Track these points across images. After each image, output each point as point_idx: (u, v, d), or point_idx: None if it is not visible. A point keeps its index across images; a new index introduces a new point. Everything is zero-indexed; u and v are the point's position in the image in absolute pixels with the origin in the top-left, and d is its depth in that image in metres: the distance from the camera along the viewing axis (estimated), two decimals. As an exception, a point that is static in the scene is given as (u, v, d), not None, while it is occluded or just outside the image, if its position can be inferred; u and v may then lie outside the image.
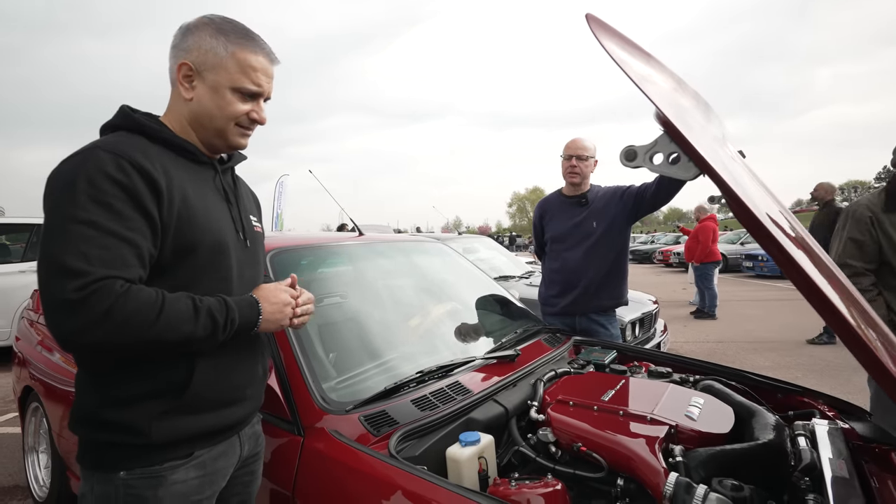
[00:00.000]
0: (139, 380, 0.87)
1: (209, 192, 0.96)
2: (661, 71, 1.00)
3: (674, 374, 1.68)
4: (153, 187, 0.84)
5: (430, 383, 1.38)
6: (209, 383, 0.92)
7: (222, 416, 0.96)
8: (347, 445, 1.10)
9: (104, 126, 0.94)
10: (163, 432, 0.87)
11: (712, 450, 1.10)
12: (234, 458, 1.02)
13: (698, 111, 1.04)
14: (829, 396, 1.54)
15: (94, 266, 0.76)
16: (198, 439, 0.92)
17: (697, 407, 1.29)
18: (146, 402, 0.87)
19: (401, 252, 2.22)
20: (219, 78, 0.93)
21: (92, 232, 0.77)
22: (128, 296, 0.77)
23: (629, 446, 1.11)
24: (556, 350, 1.85)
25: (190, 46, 0.93)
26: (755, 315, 7.30)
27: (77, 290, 0.74)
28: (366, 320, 1.73)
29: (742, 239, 15.69)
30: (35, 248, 5.39)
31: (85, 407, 0.89)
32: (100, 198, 0.79)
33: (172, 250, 0.87)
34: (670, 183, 2.07)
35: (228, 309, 0.88)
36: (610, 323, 2.43)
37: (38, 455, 2.46)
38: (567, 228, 2.44)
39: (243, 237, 1.02)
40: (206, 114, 0.95)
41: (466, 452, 1.12)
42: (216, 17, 0.96)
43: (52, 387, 2.17)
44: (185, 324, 0.82)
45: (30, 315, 2.87)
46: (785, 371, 4.33)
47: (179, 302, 0.83)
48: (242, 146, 1.02)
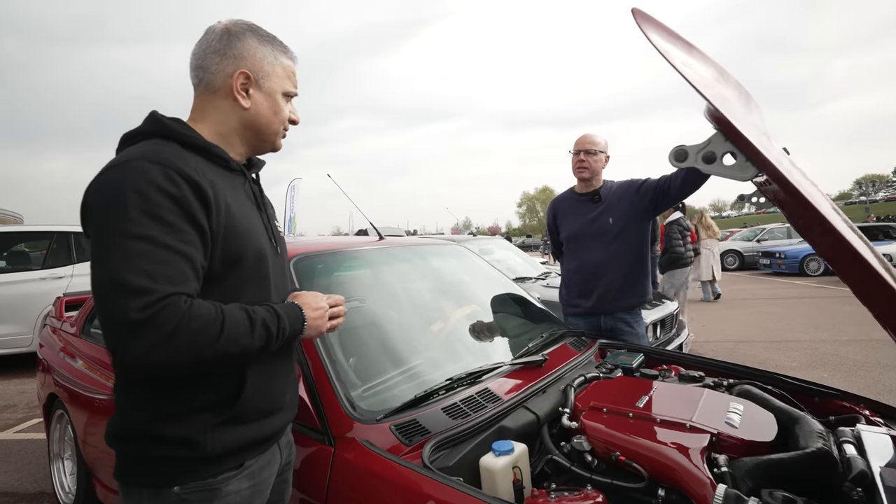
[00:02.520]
0: (195, 393, 0.85)
1: (244, 200, 0.95)
2: (703, 61, 0.96)
3: (706, 378, 1.64)
4: (202, 198, 0.82)
5: (459, 391, 1.36)
6: (258, 391, 0.91)
7: (269, 423, 0.95)
8: (380, 456, 1.07)
9: (133, 133, 0.91)
10: (218, 444, 0.86)
11: (759, 459, 1.06)
12: (276, 467, 1.01)
13: (740, 102, 1.00)
14: (871, 400, 1.48)
15: (158, 283, 0.74)
16: (248, 449, 0.91)
17: (737, 413, 1.25)
18: (202, 415, 0.85)
19: (423, 256, 2.20)
20: (273, 84, 0.95)
21: (148, 247, 0.75)
22: (192, 313, 0.75)
23: (672, 456, 1.07)
24: (582, 354, 1.81)
25: (243, 54, 0.92)
26: (776, 313, 7.15)
27: (142, 308, 0.71)
28: (390, 326, 1.70)
29: (758, 236, 15.44)
30: (56, 256, 5.47)
31: (131, 422, 0.86)
32: (153, 211, 0.76)
33: (221, 261, 0.85)
34: (697, 176, 2.01)
35: (279, 318, 0.87)
36: (636, 321, 2.37)
37: (64, 462, 2.48)
38: (582, 227, 2.37)
39: (275, 243, 1.01)
40: (265, 120, 0.96)
41: (501, 462, 1.09)
42: (247, 22, 0.96)
43: (76, 394, 2.18)
44: (243, 337, 0.81)
45: (53, 322, 2.90)
46: (811, 371, 4.22)
47: (236, 315, 0.82)
48: (280, 148, 1.03)
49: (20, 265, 5.52)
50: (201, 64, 0.93)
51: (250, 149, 1.00)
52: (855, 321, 6.23)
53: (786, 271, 12.38)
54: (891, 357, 4.54)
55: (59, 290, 5.09)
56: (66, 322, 2.68)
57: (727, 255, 15.31)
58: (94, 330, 2.37)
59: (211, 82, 0.93)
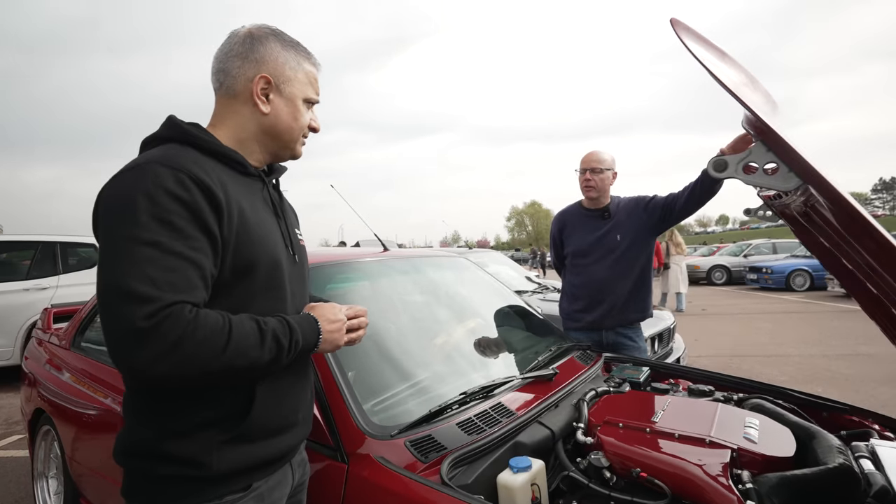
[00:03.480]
0: (200, 409, 0.81)
1: (260, 206, 0.92)
2: (734, 67, 0.96)
3: (715, 392, 1.63)
4: (213, 203, 0.79)
5: (472, 405, 1.32)
6: (268, 409, 0.87)
7: (279, 441, 0.91)
8: (397, 473, 1.03)
9: (150, 138, 0.89)
10: (224, 463, 0.82)
11: (784, 475, 1.04)
12: (288, 488, 0.96)
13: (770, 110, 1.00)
14: (879, 415, 1.48)
15: (163, 291, 0.71)
16: (256, 469, 0.87)
17: (754, 428, 1.23)
18: (208, 432, 0.81)
19: (427, 268, 2.17)
20: (294, 90, 0.93)
21: (156, 253, 0.72)
22: (197, 322, 0.72)
23: (696, 472, 1.05)
24: (590, 368, 1.79)
25: (264, 58, 0.90)
26: (766, 328, 7.23)
27: (147, 317, 0.69)
28: (398, 339, 1.67)
29: (745, 251, 15.68)
30: (40, 266, 5.33)
31: (139, 438, 0.83)
32: (162, 216, 0.74)
33: (232, 269, 0.82)
34: (703, 192, 2.03)
35: (292, 331, 0.83)
36: (637, 336, 2.37)
37: (48, 480, 2.37)
38: (590, 242, 2.37)
39: (292, 252, 0.98)
40: (285, 126, 0.93)
41: (519, 479, 1.06)
42: (271, 27, 0.94)
43: (65, 409, 2.10)
44: (252, 349, 0.77)
45: (39, 334, 2.81)
46: (805, 385, 4.25)
47: (244, 326, 0.78)
48: (300, 155, 1.01)
49: (2, 276, 5.36)
50: (223, 67, 0.91)
51: (270, 155, 0.98)
52: (841, 336, 6.32)
53: (772, 286, 12.56)
54: (880, 371, 4.60)
55: (44, 301, 4.95)
56: (54, 334, 2.59)
57: (715, 269, 15.52)
58: (84, 343, 2.29)
59: (232, 86, 0.91)
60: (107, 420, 1.80)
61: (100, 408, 1.86)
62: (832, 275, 1.29)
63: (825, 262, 1.14)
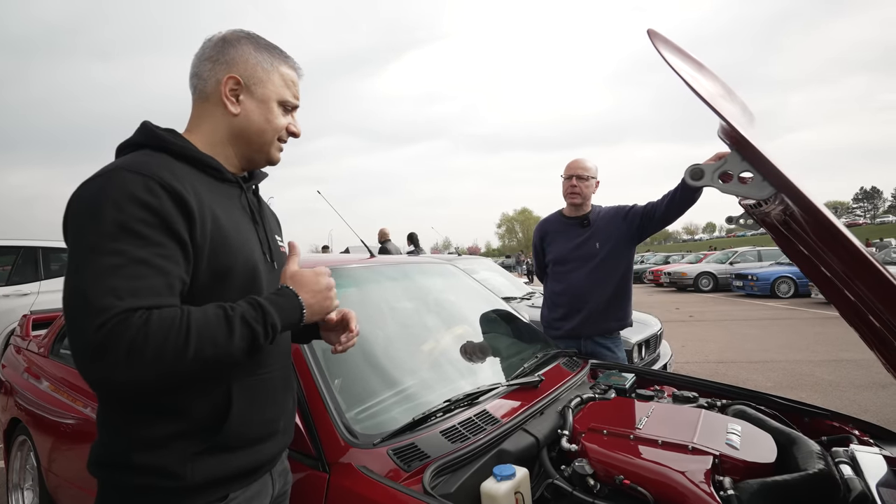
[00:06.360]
0: (174, 418, 0.79)
1: (237, 212, 0.91)
2: (710, 78, 0.98)
3: (699, 398, 1.64)
4: (184, 209, 0.77)
5: (457, 413, 1.32)
6: (246, 417, 0.85)
7: (257, 452, 0.88)
8: (379, 483, 1.02)
9: (125, 144, 0.88)
10: (199, 474, 0.80)
11: (765, 482, 1.05)
12: (268, 499, 0.94)
13: (746, 120, 1.02)
14: (859, 420, 1.50)
15: (121, 300, 0.68)
16: (234, 479, 0.85)
17: (736, 434, 1.24)
18: (181, 442, 0.79)
19: (415, 274, 2.17)
20: (266, 91, 0.91)
21: (119, 261, 0.70)
22: (149, 325, 0.69)
23: (678, 479, 1.05)
24: (576, 375, 1.80)
25: (235, 60, 0.89)
26: (752, 335, 7.31)
27: (98, 328, 0.66)
28: (384, 345, 1.66)
29: (731, 259, 15.90)
30: (21, 271, 5.23)
31: (112, 449, 0.81)
32: (127, 223, 0.72)
33: (208, 275, 0.80)
34: (682, 201, 2.05)
35: (265, 313, 0.78)
36: (616, 345, 2.38)
37: (24, 492, 2.31)
38: (569, 250, 2.39)
39: (270, 259, 0.97)
40: (256, 128, 0.91)
41: (503, 488, 1.06)
42: (247, 31, 0.93)
43: (42, 418, 2.05)
44: (220, 337, 0.73)
45: (17, 341, 2.74)
46: (790, 391, 4.30)
47: (208, 315, 0.74)
48: (278, 161, 0.98)
49: (-20, 281, 5.25)
50: (196, 72, 0.91)
51: (245, 160, 0.95)
52: (824, 342, 6.42)
53: (758, 293, 12.74)
54: (861, 377, 4.67)
55: (24, 307, 4.84)
56: (32, 341, 2.53)
57: (702, 277, 15.70)
58: (64, 350, 2.24)
59: (203, 89, 0.90)
60: (84, 430, 1.76)
61: (78, 417, 1.82)
62: (812, 282, 1.31)
63: (805, 269, 1.16)
